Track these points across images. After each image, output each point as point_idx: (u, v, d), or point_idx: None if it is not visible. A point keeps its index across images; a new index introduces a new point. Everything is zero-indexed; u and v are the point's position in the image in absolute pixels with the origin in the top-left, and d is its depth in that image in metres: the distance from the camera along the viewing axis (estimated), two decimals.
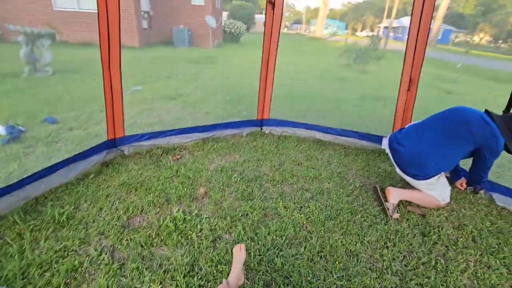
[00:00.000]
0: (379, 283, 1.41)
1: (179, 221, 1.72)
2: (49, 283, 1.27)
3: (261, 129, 3.32)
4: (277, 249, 1.57)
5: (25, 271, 1.32)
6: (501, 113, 1.95)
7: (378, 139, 2.99)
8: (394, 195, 1.99)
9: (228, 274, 1.27)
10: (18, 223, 1.59)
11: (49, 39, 5.46)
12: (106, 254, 1.45)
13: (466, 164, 2.08)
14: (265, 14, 2.50)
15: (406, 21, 40.92)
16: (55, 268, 1.34)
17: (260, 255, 1.52)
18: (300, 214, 1.88)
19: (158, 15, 12.70)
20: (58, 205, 1.79)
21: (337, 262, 1.51)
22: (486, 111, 1.83)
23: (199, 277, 1.36)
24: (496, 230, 1.87)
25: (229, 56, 10.34)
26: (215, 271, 1.39)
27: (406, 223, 1.88)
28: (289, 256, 1.53)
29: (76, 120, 3.34)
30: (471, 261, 1.59)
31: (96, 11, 1.88)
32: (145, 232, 1.62)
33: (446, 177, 2.04)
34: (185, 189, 2.07)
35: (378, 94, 5.69)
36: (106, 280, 1.30)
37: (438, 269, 1.52)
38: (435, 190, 1.93)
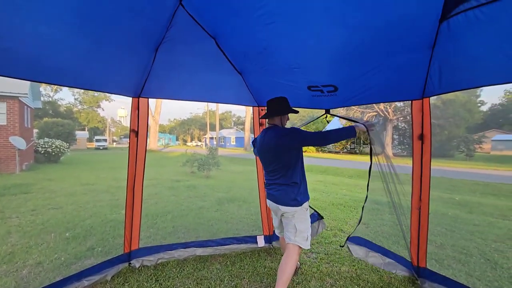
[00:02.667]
0: None
1: None
2: None
3: (130, 264, 2.76)
4: None
5: None
6: None
7: (253, 239, 3.24)
8: None
9: None
10: None
11: None
12: None
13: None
14: (129, 141, 2.46)
15: (225, 132, 50.90)
16: None
17: None
18: None
19: None
20: None
21: None
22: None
23: None
24: None
25: (50, 181, 8.44)
26: None
27: None
28: None
29: None
30: None
31: None
32: None
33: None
34: None
35: (230, 196, 6.32)
36: None
37: None
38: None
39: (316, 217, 3.10)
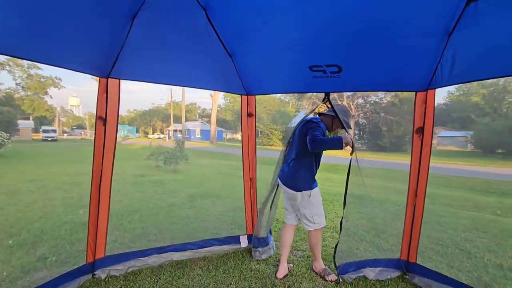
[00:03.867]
0: None
1: None
2: None
3: (93, 275, 2.34)
4: None
5: None
6: None
7: (235, 239, 2.99)
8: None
9: None
10: None
11: None
12: None
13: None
14: (95, 131, 2.03)
15: (190, 125, 49.38)
16: None
17: None
18: None
19: None
20: None
21: None
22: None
23: None
24: None
25: None
26: None
27: None
28: None
29: None
30: None
31: None
32: None
33: None
34: None
35: (202, 192, 5.96)
36: None
37: None
38: None
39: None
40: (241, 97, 2.58)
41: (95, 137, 2.03)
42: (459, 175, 11.93)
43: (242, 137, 2.75)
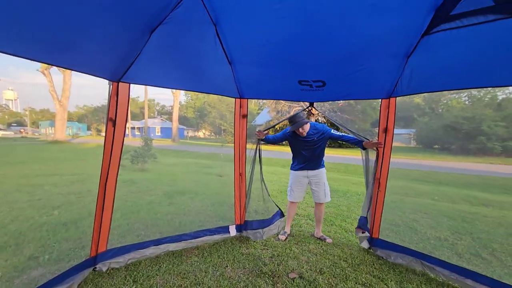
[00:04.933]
0: None
1: None
2: None
3: (94, 269, 2.45)
4: None
5: None
6: None
7: (225, 229, 3.26)
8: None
9: None
10: None
11: None
12: None
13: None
14: (105, 131, 2.15)
15: (149, 122, 47.17)
16: None
17: None
18: None
19: None
20: None
21: None
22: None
23: None
24: None
25: None
26: None
27: None
28: None
29: None
30: None
31: None
32: None
33: None
34: None
35: (177, 189, 6.07)
36: None
37: None
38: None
39: (279, 215, 3.33)
40: (235, 100, 2.86)
41: (105, 138, 2.16)
42: (404, 167, 13.55)
43: (234, 136, 3.04)
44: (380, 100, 2.51)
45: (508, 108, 21.63)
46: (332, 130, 3.07)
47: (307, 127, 3.00)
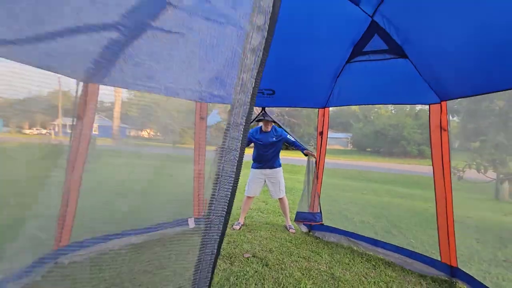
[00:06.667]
0: None
1: None
2: None
3: (56, 263, 2.52)
4: None
5: None
6: None
7: (184, 221, 3.53)
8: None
9: None
10: None
11: None
12: None
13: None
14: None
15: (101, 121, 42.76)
16: None
17: None
18: None
19: None
20: None
21: None
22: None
23: None
24: None
25: None
26: None
27: None
28: None
29: None
30: None
31: None
32: None
33: None
34: None
35: (128, 189, 5.99)
36: None
37: None
38: None
39: None
40: (195, 103, 3.17)
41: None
42: (342, 167, 15.24)
43: (195, 138, 3.35)
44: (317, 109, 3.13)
45: (422, 118, 25.76)
46: (288, 135, 3.59)
47: (270, 125, 3.50)
